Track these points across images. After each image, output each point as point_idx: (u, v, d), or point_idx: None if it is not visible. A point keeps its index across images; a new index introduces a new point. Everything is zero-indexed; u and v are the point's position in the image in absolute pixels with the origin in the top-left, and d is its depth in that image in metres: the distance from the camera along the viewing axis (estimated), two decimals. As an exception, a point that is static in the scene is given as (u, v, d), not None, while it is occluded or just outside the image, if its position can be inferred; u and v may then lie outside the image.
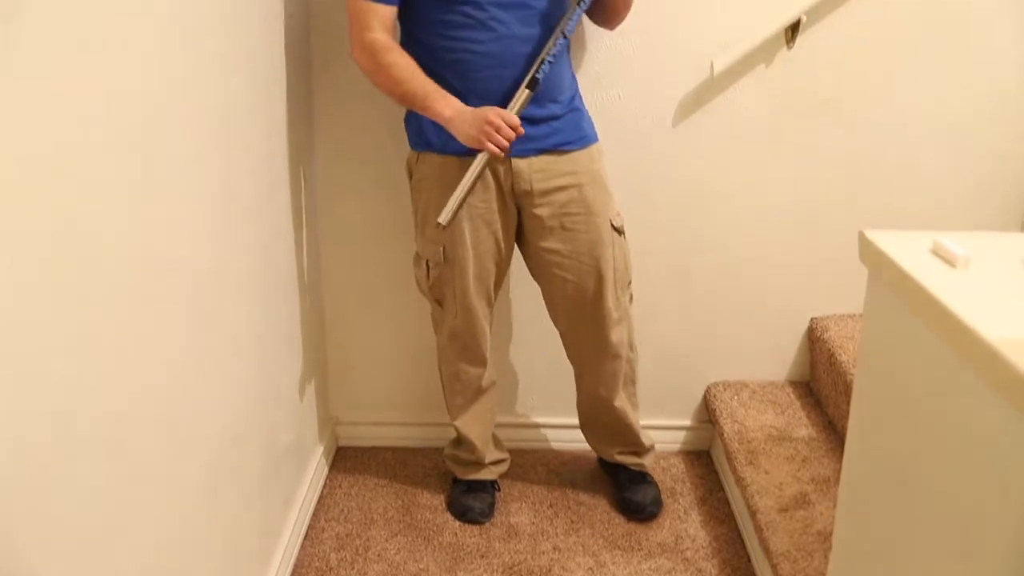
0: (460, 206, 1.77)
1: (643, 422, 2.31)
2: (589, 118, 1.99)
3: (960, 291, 1.13)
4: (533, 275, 2.08)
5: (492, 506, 2.26)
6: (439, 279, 2.00)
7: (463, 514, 2.24)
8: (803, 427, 2.26)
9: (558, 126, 1.89)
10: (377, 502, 2.32)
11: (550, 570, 2.08)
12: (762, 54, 2.18)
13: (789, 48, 2.18)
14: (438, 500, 2.32)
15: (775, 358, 2.48)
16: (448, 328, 2.06)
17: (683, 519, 2.24)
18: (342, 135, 2.24)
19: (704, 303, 2.40)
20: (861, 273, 2.38)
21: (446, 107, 1.76)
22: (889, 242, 1.33)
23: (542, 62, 1.76)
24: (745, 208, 2.31)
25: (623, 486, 2.28)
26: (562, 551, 2.14)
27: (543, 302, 2.11)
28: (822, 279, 2.38)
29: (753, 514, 1.99)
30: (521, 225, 1.99)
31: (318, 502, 2.30)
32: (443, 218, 1.77)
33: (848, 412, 2.13)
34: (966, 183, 2.30)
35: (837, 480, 2.04)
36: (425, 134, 1.90)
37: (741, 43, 2.14)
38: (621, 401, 2.16)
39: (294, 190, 2.05)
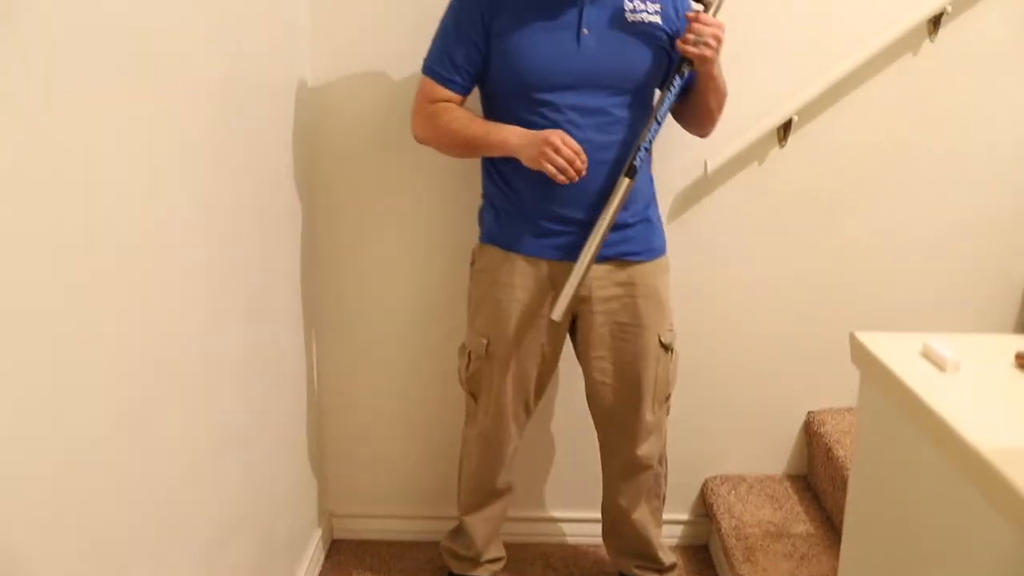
0: (569, 300, 1.79)
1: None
2: (662, 230, 2.00)
3: (949, 396, 1.15)
4: (581, 366, 2.07)
5: None
6: (477, 372, 2.01)
7: None
8: (801, 522, 2.25)
9: (629, 234, 1.90)
10: (371, 597, 2.29)
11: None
12: (755, 152, 2.24)
13: (782, 147, 2.24)
14: (432, 596, 2.30)
15: (772, 452, 2.48)
16: (478, 424, 2.06)
17: (682, 617, 2.21)
18: (345, 225, 2.28)
19: (701, 397, 2.40)
20: (853, 367, 2.39)
21: (511, 134, 1.80)
22: (880, 345, 1.35)
23: (638, 148, 1.79)
24: (741, 303, 2.34)
25: None
26: (557, 650, 2.11)
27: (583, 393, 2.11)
28: (818, 373, 2.40)
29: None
30: (575, 325, 2.00)
31: (312, 597, 2.28)
32: (556, 315, 1.79)
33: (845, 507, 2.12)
34: (958, 280, 2.34)
35: (836, 579, 2.02)
36: (493, 228, 1.94)
37: (734, 142, 2.19)
38: (642, 514, 2.13)
39: (293, 281, 2.08)
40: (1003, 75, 2.21)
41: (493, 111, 1.89)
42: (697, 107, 1.93)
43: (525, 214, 1.89)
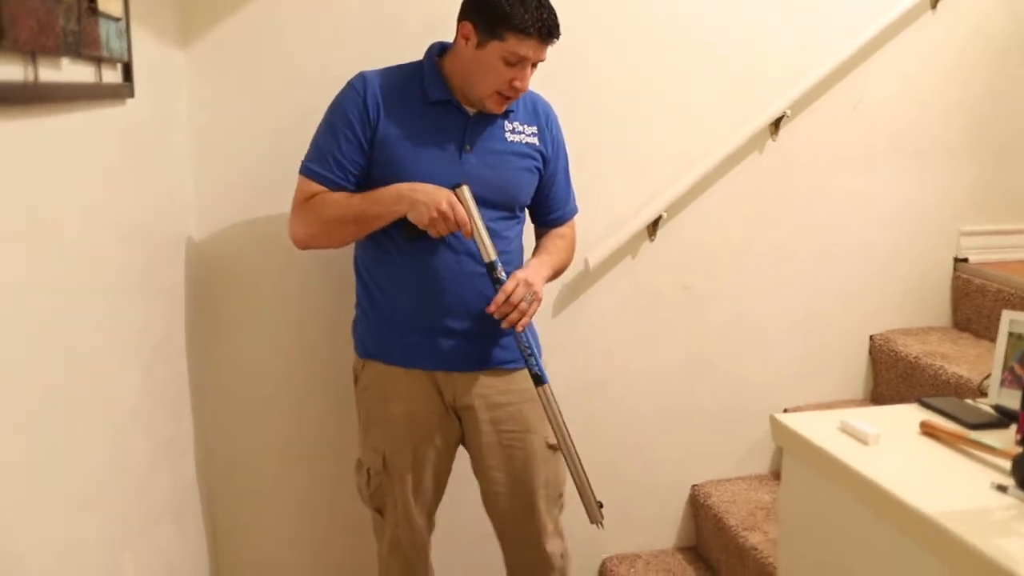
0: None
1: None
2: (536, 337, 2.04)
3: (879, 467, 1.36)
4: (476, 477, 2.10)
5: None
6: (379, 488, 2.03)
7: None
8: (700, 592, 2.42)
9: (504, 342, 1.98)
10: None
11: None
12: (629, 248, 2.46)
13: (651, 241, 2.47)
14: None
15: (662, 526, 2.67)
16: (388, 538, 2.07)
17: None
18: (230, 309, 2.30)
19: (592, 479, 2.54)
20: (730, 441, 2.66)
21: (400, 186, 1.83)
22: (800, 424, 1.56)
23: (522, 344, 1.88)
24: (621, 385, 2.54)
25: None
26: None
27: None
28: (698, 448, 2.62)
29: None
30: (463, 435, 2.05)
31: None
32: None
33: (741, 574, 2.33)
34: (814, 351, 2.65)
35: (746, 642, 2.20)
36: (369, 344, 1.99)
37: (611, 239, 2.41)
38: None
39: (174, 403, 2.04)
40: (840, 165, 2.58)
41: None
42: None
43: (403, 325, 1.93)
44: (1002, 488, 1.28)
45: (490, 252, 1.84)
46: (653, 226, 2.46)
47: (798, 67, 2.49)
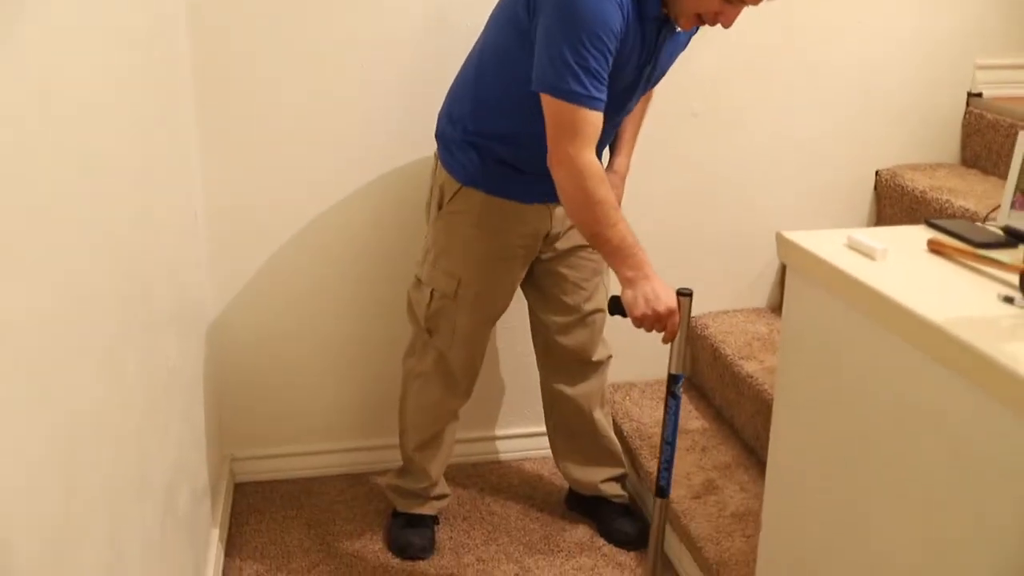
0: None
1: (540, 429, 2.47)
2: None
3: (887, 280, 1.35)
4: (527, 291, 2.20)
5: (432, 541, 2.30)
6: (440, 311, 2.06)
7: (403, 550, 2.27)
8: (694, 419, 2.48)
9: None
10: (289, 535, 2.35)
11: (478, 580, 2.19)
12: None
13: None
14: (352, 526, 2.38)
15: (659, 356, 2.68)
16: (433, 358, 2.12)
17: (593, 518, 2.40)
18: (235, 155, 2.27)
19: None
20: (730, 273, 2.66)
21: (643, 257, 1.79)
22: (807, 241, 1.54)
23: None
24: (625, 213, 2.50)
25: (608, 518, 2.35)
26: (485, 561, 2.26)
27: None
28: (695, 280, 2.60)
29: (667, 504, 2.16)
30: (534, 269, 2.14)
31: (228, 542, 2.30)
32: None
33: (735, 401, 2.37)
34: (812, 188, 2.64)
35: (739, 465, 2.27)
36: (476, 173, 1.96)
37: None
38: (601, 416, 2.29)
39: (178, 221, 2.01)
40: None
41: (512, 98, 1.85)
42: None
43: (518, 169, 1.95)
44: (1009, 299, 1.29)
45: (678, 365, 1.82)
46: (661, 51, 2.40)
47: None
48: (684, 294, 1.78)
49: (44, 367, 0.99)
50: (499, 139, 1.93)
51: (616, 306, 1.81)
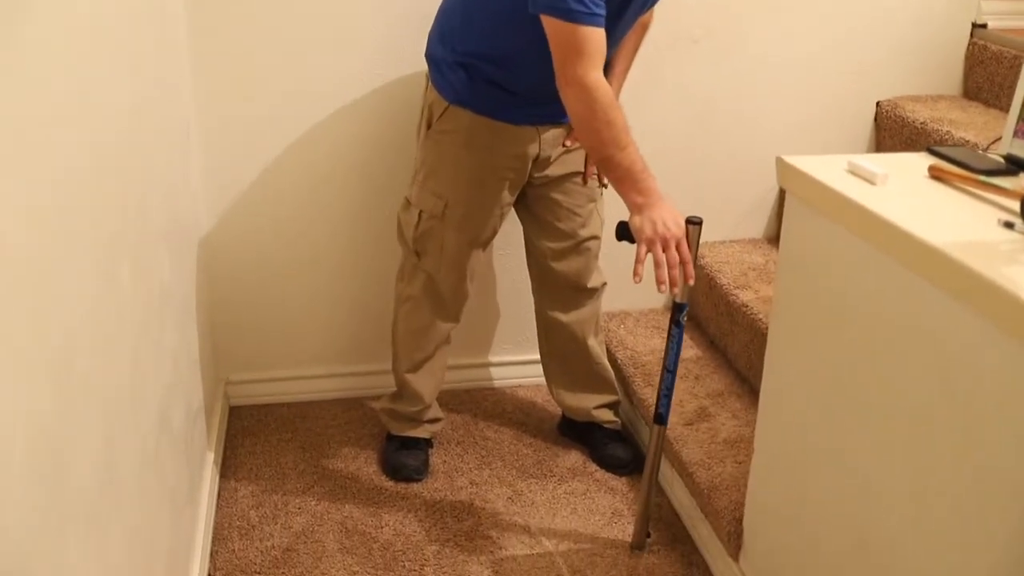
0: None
1: (534, 356, 2.48)
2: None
3: (889, 204, 1.35)
4: (521, 216, 2.21)
5: (426, 464, 2.33)
6: (428, 232, 2.06)
7: (396, 471, 2.29)
8: (688, 348, 2.49)
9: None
10: (284, 457, 2.37)
11: (472, 504, 2.22)
12: None
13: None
14: (347, 449, 2.40)
15: (652, 285, 2.68)
16: (422, 281, 2.13)
17: (585, 444, 2.43)
18: (226, 73, 2.24)
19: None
20: (728, 203, 2.65)
21: (653, 182, 1.77)
22: (808, 166, 1.53)
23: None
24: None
25: (600, 444, 2.38)
26: (478, 484, 2.28)
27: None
28: (693, 209, 2.59)
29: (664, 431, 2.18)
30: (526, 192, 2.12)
31: (223, 463, 2.32)
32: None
33: (730, 330, 2.38)
34: (811, 119, 2.62)
35: (731, 393, 2.29)
36: (464, 92, 1.94)
37: None
38: (595, 343, 2.31)
39: (170, 139, 1.99)
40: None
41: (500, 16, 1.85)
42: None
43: (507, 90, 1.93)
44: (1009, 225, 1.28)
45: (683, 294, 1.84)
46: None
47: None
48: (694, 222, 1.77)
49: (40, 269, 0.99)
50: (488, 60, 1.92)
51: (624, 232, 1.80)
